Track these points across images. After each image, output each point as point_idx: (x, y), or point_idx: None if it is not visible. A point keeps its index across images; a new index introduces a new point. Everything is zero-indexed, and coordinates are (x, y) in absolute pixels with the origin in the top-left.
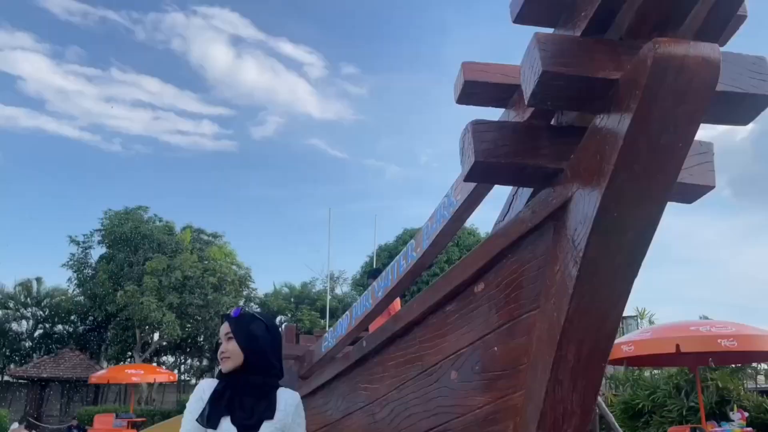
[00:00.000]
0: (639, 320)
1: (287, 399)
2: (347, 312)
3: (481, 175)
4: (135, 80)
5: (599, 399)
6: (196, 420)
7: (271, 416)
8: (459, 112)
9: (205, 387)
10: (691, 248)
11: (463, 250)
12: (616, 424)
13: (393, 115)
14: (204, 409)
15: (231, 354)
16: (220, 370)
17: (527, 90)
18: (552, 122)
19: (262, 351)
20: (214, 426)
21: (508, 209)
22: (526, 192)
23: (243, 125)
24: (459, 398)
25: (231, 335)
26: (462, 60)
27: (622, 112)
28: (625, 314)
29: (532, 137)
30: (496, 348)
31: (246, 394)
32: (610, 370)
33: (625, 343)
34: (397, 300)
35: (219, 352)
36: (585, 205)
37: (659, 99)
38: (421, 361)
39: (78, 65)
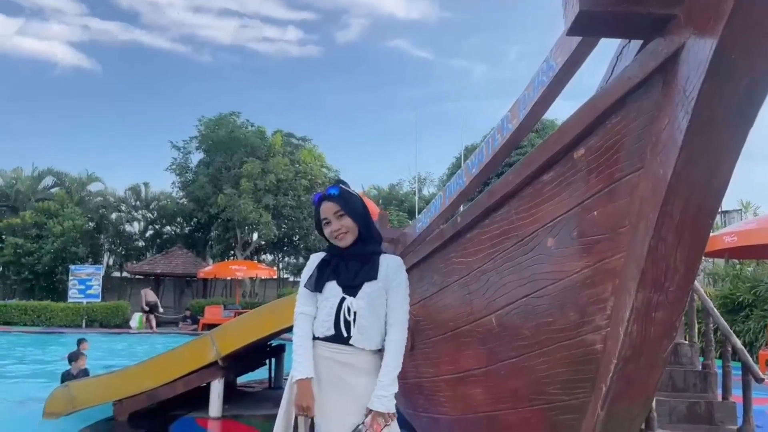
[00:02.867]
0: (743, 213)
1: (389, 261)
2: (440, 192)
3: (586, 27)
4: None
5: (697, 284)
6: (305, 286)
7: (374, 277)
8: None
9: (315, 258)
10: None
11: None
12: (716, 310)
13: (480, 11)
14: (312, 275)
15: (348, 229)
16: (329, 245)
17: None
18: None
19: (369, 220)
20: (321, 289)
21: (611, 73)
22: (630, 52)
23: (327, 30)
24: (555, 264)
25: (342, 212)
26: None
27: None
28: (728, 208)
29: None
30: (595, 212)
31: (352, 260)
32: (709, 265)
33: (728, 234)
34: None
35: (332, 231)
36: (699, 51)
37: None
38: (517, 231)
39: None
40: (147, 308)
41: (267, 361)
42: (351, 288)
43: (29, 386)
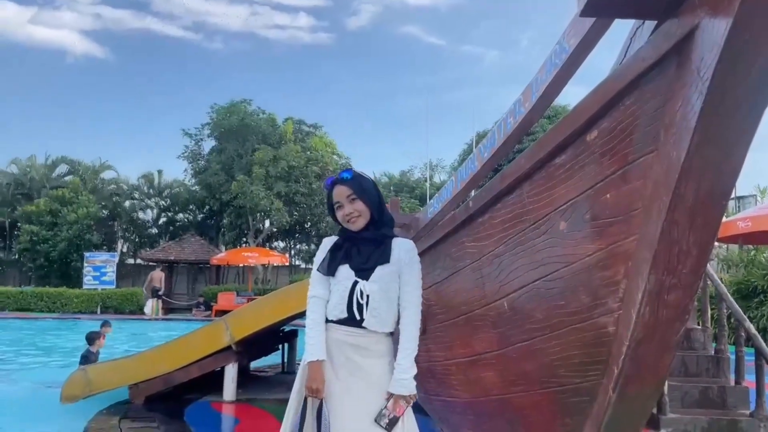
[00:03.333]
0: (759, 199)
1: (401, 245)
2: (452, 177)
3: (599, 8)
4: None
5: (710, 270)
6: (318, 270)
7: (387, 260)
8: None
9: (327, 242)
10: None
11: None
12: (729, 295)
13: None
14: (324, 259)
15: (361, 212)
16: (341, 228)
17: None
18: None
19: (381, 204)
20: (333, 273)
21: (624, 55)
22: (644, 33)
23: (338, 16)
24: (568, 247)
25: (354, 196)
26: None
27: None
28: (743, 193)
29: None
30: (608, 195)
31: (365, 244)
32: (723, 251)
33: (742, 219)
34: None
35: (345, 215)
36: (714, 31)
37: None
38: (529, 215)
39: None
40: (146, 293)
41: (280, 347)
42: (363, 271)
43: (47, 371)
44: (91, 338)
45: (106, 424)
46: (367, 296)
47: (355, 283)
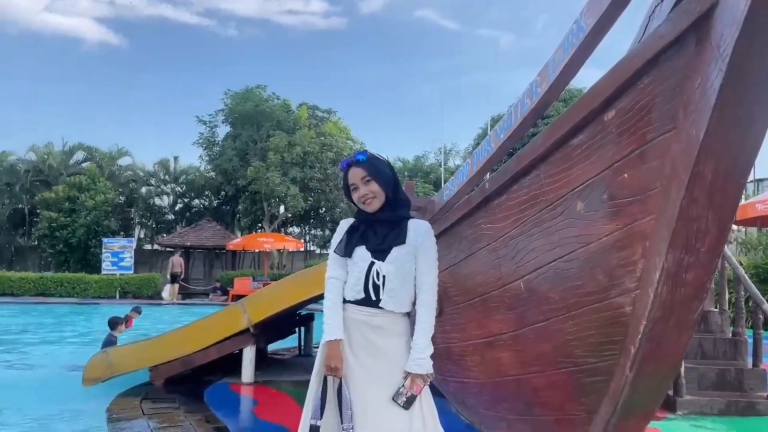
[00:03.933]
0: None
1: (417, 226)
2: (468, 159)
3: None
4: None
5: (728, 252)
6: (335, 251)
7: (403, 241)
8: None
9: (344, 224)
10: None
11: None
12: (747, 278)
13: None
14: (341, 240)
15: (375, 194)
16: (358, 210)
17: None
18: None
19: (397, 185)
20: (350, 254)
21: (643, 33)
22: (663, 11)
23: (351, 1)
24: (584, 228)
25: (369, 177)
26: None
27: None
28: (761, 176)
29: None
30: (626, 175)
31: (380, 225)
32: (741, 234)
33: (760, 201)
34: None
35: (360, 196)
36: (733, 7)
37: None
38: (545, 196)
39: None
40: (166, 278)
41: (296, 330)
42: (379, 252)
43: (68, 354)
44: (113, 323)
45: (127, 405)
46: (384, 277)
47: (372, 264)
